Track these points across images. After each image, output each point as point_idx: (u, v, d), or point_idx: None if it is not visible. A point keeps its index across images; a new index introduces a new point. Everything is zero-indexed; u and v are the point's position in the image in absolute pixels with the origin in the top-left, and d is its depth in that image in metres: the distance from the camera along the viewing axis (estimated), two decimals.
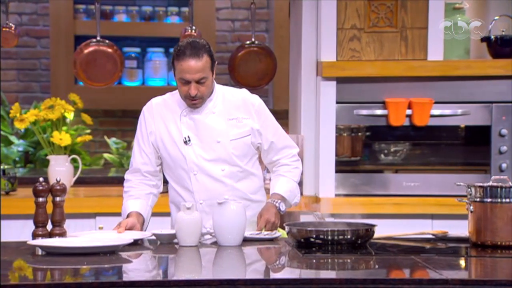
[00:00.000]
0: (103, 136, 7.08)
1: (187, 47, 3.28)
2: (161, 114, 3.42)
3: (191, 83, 3.29)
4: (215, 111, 3.40)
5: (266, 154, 3.49)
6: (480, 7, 4.68)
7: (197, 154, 3.37)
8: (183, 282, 2.56)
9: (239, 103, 3.44)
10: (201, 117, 3.38)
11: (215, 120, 3.39)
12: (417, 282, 2.61)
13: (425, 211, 4.29)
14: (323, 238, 3.07)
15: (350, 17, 4.41)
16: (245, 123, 3.41)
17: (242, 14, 7.37)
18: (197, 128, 3.38)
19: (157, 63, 7.21)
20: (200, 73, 3.28)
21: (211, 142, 3.38)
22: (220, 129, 3.38)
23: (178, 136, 3.38)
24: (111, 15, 7.21)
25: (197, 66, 3.27)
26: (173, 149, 3.39)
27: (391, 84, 4.42)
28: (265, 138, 3.45)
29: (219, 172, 3.38)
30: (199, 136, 3.38)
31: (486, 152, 4.40)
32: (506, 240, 3.08)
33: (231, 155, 3.39)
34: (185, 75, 3.28)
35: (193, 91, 3.29)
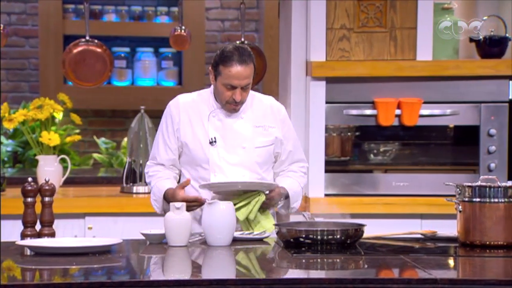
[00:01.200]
0: (92, 136, 7.06)
1: (235, 53, 3.32)
2: (188, 113, 3.43)
3: (236, 88, 3.32)
4: (243, 116, 3.43)
5: (280, 163, 3.52)
6: (468, 7, 4.69)
7: (221, 156, 3.39)
8: (173, 282, 2.56)
9: (267, 110, 3.48)
10: (230, 121, 3.41)
11: (242, 126, 3.42)
12: (406, 281, 2.62)
13: (414, 211, 4.30)
14: (313, 238, 3.08)
15: (339, 17, 4.41)
16: (271, 132, 3.45)
17: (231, 14, 7.37)
18: (225, 130, 3.40)
19: (147, 63, 7.20)
20: (247, 80, 3.33)
21: (236, 146, 3.40)
22: (246, 135, 3.41)
23: (203, 136, 3.40)
24: (100, 14, 7.19)
25: (246, 72, 3.32)
26: (197, 148, 3.40)
27: (381, 84, 4.42)
28: (284, 149, 3.49)
29: (240, 178, 3.39)
30: (225, 139, 3.40)
31: (475, 152, 4.42)
32: (494, 240, 3.09)
33: (254, 162, 3.41)
34: (233, 81, 3.31)
35: (238, 96, 3.33)
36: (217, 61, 3.35)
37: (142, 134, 4.58)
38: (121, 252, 3.03)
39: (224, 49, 3.36)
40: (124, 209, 4.33)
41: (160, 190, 3.42)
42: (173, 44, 5.05)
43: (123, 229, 4.21)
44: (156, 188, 3.44)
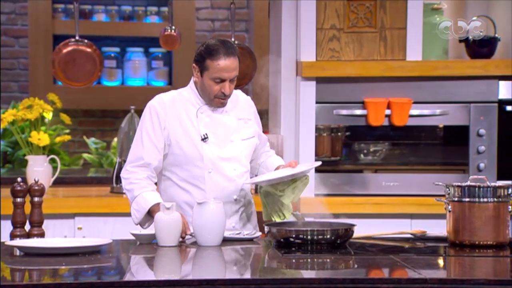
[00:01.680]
0: (82, 136, 7.05)
1: (221, 46, 3.31)
2: (175, 111, 3.40)
3: (225, 81, 3.32)
4: (227, 110, 3.43)
5: (258, 150, 3.54)
6: (458, 7, 4.70)
7: (214, 152, 3.38)
8: (163, 283, 2.56)
9: (243, 104, 3.50)
10: (218, 116, 3.41)
11: (229, 119, 3.42)
12: (396, 281, 2.62)
13: (404, 211, 4.31)
14: (303, 237, 3.08)
15: (329, 17, 4.42)
16: (250, 124, 3.47)
17: (222, 14, 7.37)
18: (214, 126, 3.40)
19: (137, 62, 7.19)
20: (235, 72, 3.33)
21: (226, 140, 3.40)
22: (233, 129, 3.42)
23: (194, 133, 3.38)
24: (90, 14, 7.18)
25: (233, 64, 3.32)
26: (189, 146, 3.37)
27: (370, 84, 4.43)
28: (262, 137, 3.55)
29: (232, 172, 3.39)
30: (216, 134, 3.39)
31: (464, 152, 4.43)
32: (484, 240, 3.10)
33: (242, 155, 3.42)
34: (222, 74, 3.30)
35: (227, 89, 3.32)
36: (203, 56, 3.32)
37: (132, 134, 4.57)
38: (111, 253, 3.02)
39: (208, 43, 3.34)
40: (114, 209, 4.32)
41: (147, 201, 3.29)
42: (163, 44, 5.04)
43: (113, 229, 4.20)
44: (141, 198, 3.31)
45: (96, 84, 6.73)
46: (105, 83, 7.16)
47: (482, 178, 3.17)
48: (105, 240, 3.05)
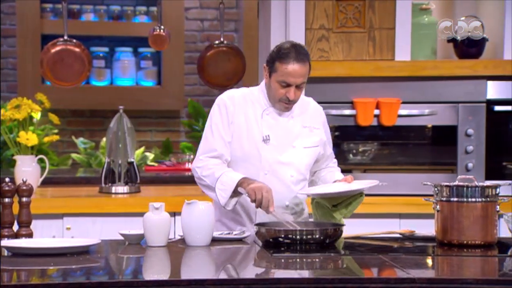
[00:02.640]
0: (71, 136, 7.03)
1: (292, 51, 3.30)
2: (243, 108, 3.40)
3: (291, 86, 3.31)
4: (293, 116, 3.42)
5: (322, 163, 3.53)
6: (446, 7, 4.72)
7: (273, 154, 3.37)
8: (152, 283, 2.56)
9: (312, 111, 3.49)
10: (283, 120, 3.41)
11: (293, 125, 3.42)
12: (385, 281, 2.63)
13: (392, 211, 4.32)
14: (292, 237, 3.08)
15: (318, 18, 4.43)
16: (316, 133, 3.46)
17: (211, 13, 7.36)
18: (277, 129, 3.39)
19: (126, 62, 7.18)
20: (302, 78, 3.31)
21: (287, 145, 3.39)
22: (297, 135, 3.41)
23: (257, 134, 3.38)
24: (78, 14, 7.16)
25: (302, 71, 3.30)
26: (250, 145, 3.37)
27: (359, 84, 4.44)
28: (328, 149, 3.53)
29: (288, 177, 3.39)
30: (277, 137, 3.39)
31: (452, 151, 4.44)
32: (472, 239, 3.11)
33: (302, 162, 3.41)
34: (288, 78, 3.30)
35: (292, 95, 3.31)
36: (274, 58, 3.33)
37: (121, 134, 4.57)
38: (99, 253, 3.02)
39: (281, 46, 3.34)
40: (103, 209, 4.31)
41: (232, 178, 3.28)
42: (152, 44, 5.04)
43: (101, 230, 4.19)
44: (226, 176, 3.29)
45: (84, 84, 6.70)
46: (94, 83, 7.14)
47: (470, 178, 3.18)
48: (93, 240, 3.04)
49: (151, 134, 7.37)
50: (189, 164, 6.04)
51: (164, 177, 5.61)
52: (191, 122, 7.04)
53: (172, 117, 7.38)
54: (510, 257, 3.04)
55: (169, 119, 7.39)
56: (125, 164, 4.56)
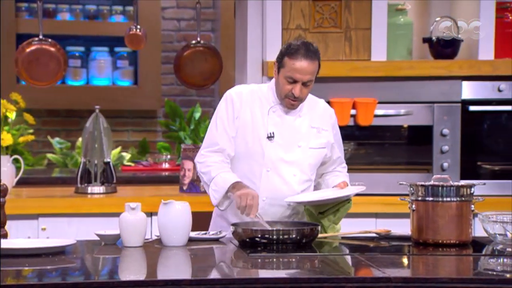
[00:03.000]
0: (47, 136, 6.99)
1: (302, 47, 3.30)
2: (250, 104, 3.39)
3: (297, 83, 3.30)
4: (301, 115, 3.42)
5: (329, 165, 3.52)
6: (422, 8, 4.74)
7: (277, 152, 3.36)
8: (127, 283, 2.55)
9: (321, 112, 3.48)
10: (289, 118, 3.40)
11: (300, 124, 3.41)
12: (361, 280, 2.64)
13: (369, 210, 4.33)
14: (268, 237, 3.08)
15: (295, 18, 4.43)
16: (324, 135, 3.44)
17: (187, 13, 7.35)
18: (283, 127, 3.38)
19: (102, 62, 7.14)
20: (309, 76, 3.31)
21: (292, 144, 3.38)
22: (303, 134, 3.40)
23: (262, 129, 3.37)
24: (54, 13, 7.11)
25: (309, 68, 3.29)
26: (254, 141, 3.37)
27: (336, 84, 4.45)
28: (335, 152, 3.51)
29: (291, 176, 3.38)
30: (283, 136, 3.38)
31: (428, 151, 4.47)
32: (447, 239, 3.13)
33: (307, 163, 3.40)
34: (295, 74, 3.29)
35: (298, 91, 3.30)
36: (283, 53, 3.33)
37: (97, 134, 4.55)
38: (75, 253, 3.00)
39: (291, 42, 3.35)
40: (79, 209, 4.29)
41: (226, 180, 3.30)
42: (128, 43, 5.02)
43: (77, 230, 4.17)
44: (220, 178, 3.31)
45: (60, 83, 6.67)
46: (70, 83, 7.10)
47: (445, 177, 3.20)
48: (69, 241, 3.03)
49: (127, 134, 7.34)
50: (166, 164, 6.03)
51: (141, 177, 5.59)
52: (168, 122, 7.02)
53: (148, 117, 7.36)
54: (485, 256, 3.07)
55: (145, 119, 7.36)
56: (101, 164, 4.54)
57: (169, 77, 7.10)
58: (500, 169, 4.51)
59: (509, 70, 4.43)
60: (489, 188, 4.16)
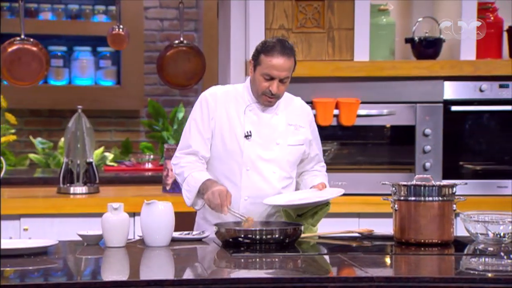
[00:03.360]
0: (29, 136, 6.95)
1: (278, 44, 3.32)
2: (225, 105, 3.40)
3: (274, 80, 3.31)
4: (278, 113, 3.42)
5: (307, 163, 3.52)
6: (404, 8, 4.76)
7: (255, 151, 3.37)
8: (110, 284, 2.54)
9: (298, 110, 3.49)
10: (266, 116, 3.40)
11: (277, 122, 3.41)
12: (343, 280, 2.65)
13: (352, 210, 4.34)
14: (252, 237, 3.09)
15: (278, 18, 4.44)
16: (302, 132, 3.45)
17: (170, 13, 7.34)
18: (260, 125, 3.39)
19: (84, 62, 7.12)
20: (286, 72, 3.32)
21: (271, 142, 3.39)
22: (281, 132, 3.40)
23: (239, 129, 3.37)
24: (36, 13, 7.08)
25: (286, 65, 3.31)
26: (232, 141, 3.37)
27: (319, 84, 4.46)
28: (313, 149, 3.51)
29: (271, 174, 3.38)
30: (260, 134, 3.38)
31: (411, 151, 4.48)
32: (429, 238, 3.15)
33: (286, 160, 3.40)
34: (272, 71, 3.30)
35: (275, 88, 3.32)
36: (259, 51, 3.34)
37: (80, 134, 4.53)
38: (57, 254, 2.99)
39: (267, 40, 3.38)
40: (61, 210, 4.27)
41: (197, 180, 3.31)
42: (111, 43, 5.01)
43: (59, 230, 4.16)
44: (191, 177, 3.33)
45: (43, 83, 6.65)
46: (52, 83, 7.07)
47: (427, 177, 3.22)
48: (51, 241, 3.01)
49: (110, 134, 7.31)
50: (149, 164, 6.03)
51: (124, 177, 5.58)
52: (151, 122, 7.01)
53: (131, 117, 7.34)
54: (466, 255, 3.09)
55: (128, 119, 7.35)
56: (83, 164, 4.53)
57: (152, 77, 7.09)
58: (481, 169, 4.54)
59: (490, 70, 4.45)
60: (471, 187, 4.20)
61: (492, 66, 4.46)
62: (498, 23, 4.55)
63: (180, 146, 3.44)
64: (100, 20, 7.16)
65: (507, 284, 2.64)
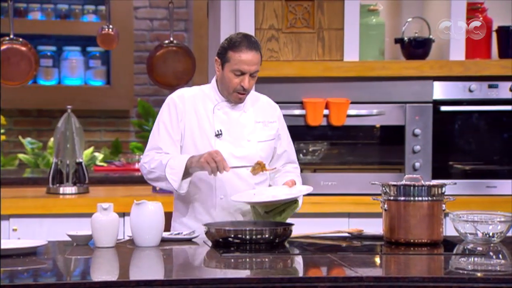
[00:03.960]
0: (18, 136, 6.93)
1: (244, 40, 3.32)
2: (194, 106, 3.40)
3: (245, 75, 3.32)
4: (246, 110, 3.43)
5: (276, 160, 3.51)
6: (394, 8, 4.77)
7: (227, 149, 3.36)
8: (99, 284, 2.54)
9: (266, 106, 3.50)
10: (235, 114, 3.40)
11: (246, 119, 3.42)
12: (333, 280, 2.65)
13: (342, 210, 4.35)
14: (241, 237, 3.09)
15: (268, 18, 4.44)
16: (271, 127, 3.46)
17: (160, 13, 7.33)
18: (230, 124, 3.39)
19: (74, 62, 7.10)
20: (256, 66, 3.33)
21: (241, 140, 3.39)
22: (250, 129, 3.41)
23: (209, 129, 3.37)
24: (25, 13, 7.06)
25: (255, 58, 3.32)
26: (203, 141, 3.37)
27: (309, 84, 4.46)
28: (280, 145, 3.50)
29: (244, 171, 3.37)
30: (230, 132, 3.38)
31: (400, 151, 4.49)
32: (418, 238, 3.15)
33: (258, 156, 3.40)
34: (243, 66, 3.30)
35: (247, 83, 3.32)
36: (226, 48, 3.33)
37: (69, 134, 4.52)
38: (47, 254, 2.98)
39: (232, 37, 3.37)
40: (50, 210, 4.26)
41: (180, 159, 3.29)
42: (100, 43, 5.00)
43: (49, 231, 4.15)
44: (173, 160, 3.29)
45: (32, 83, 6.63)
46: (42, 83, 7.05)
47: (417, 177, 3.22)
48: (41, 242, 3.01)
49: (100, 134, 7.30)
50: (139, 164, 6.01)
51: (113, 177, 5.57)
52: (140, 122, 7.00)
53: (121, 117, 7.33)
54: (456, 255, 3.10)
55: (118, 119, 7.33)
56: (73, 164, 4.52)
57: (142, 77, 7.08)
58: (471, 169, 4.55)
59: (480, 70, 4.47)
60: (460, 187, 4.21)
61: (482, 66, 4.47)
62: (487, 24, 4.57)
63: (148, 148, 3.42)
64: (89, 20, 7.15)
65: (496, 283, 2.65)
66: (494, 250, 3.12)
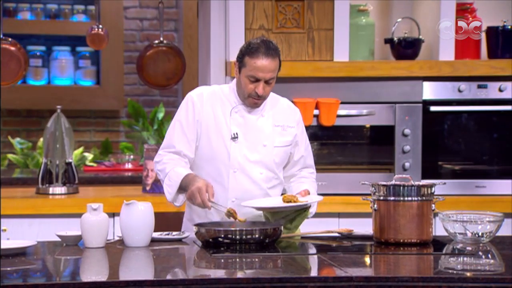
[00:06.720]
0: (7, 136, 6.91)
1: (262, 46, 3.30)
2: (212, 106, 3.38)
3: (260, 81, 3.30)
4: (264, 114, 3.41)
5: (292, 165, 3.50)
6: (383, 8, 4.78)
7: (242, 152, 3.35)
8: (89, 284, 2.53)
9: (286, 110, 3.48)
10: (252, 118, 3.39)
11: (264, 123, 3.40)
12: (323, 280, 2.66)
13: (331, 210, 4.35)
14: (232, 237, 3.09)
15: (258, 18, 4.44)
16: (290, 132, 3.44)
17: (150, 13, 7.32)
18: (246, 127, 3.37)
19: (63, 62, 7.08)
20: (271, 73, 3.31)
21: (257, 144, 3.38)
22: (267, 133, 3.39)
23: (225, 130, 3.36)
24: (14, 12, 7.03)
25: (271, 66, 3.29)
26: (218, 143, 3.35)
27: (299, 84, 4.47)
28: (298, 150, 3.49)
29: (258, 175, 3.37)
30: (246, 136, 3.37)
31: (390, 151, 4.50)
32: (408, 238, 3.16)
33: (272, 161, 3.39)
34: (257, 73, 3.29)
35: (261, 90, 3.30)
36: (243, 53, 3.33)
37: (59, 134, 4.51)
38: (36, 254, 2.98)
39: (251, 41, 3.35)
40: (40, 210, 4.25)
41: (179, 174, 3.29)
42: (90, 43, 4.99)
43: (38, 231, 4.13)
44: (173, 172, 3.31)
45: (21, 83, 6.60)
46: (31, 82, 7.02)
47: (406, 177, 3.23)
48: (30, 242, 3.00)
49: (90, 134, 7.28)
50: (129, 165, 6.01)
51: (103, 178, 5.56)
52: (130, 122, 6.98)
53: (111, 117, 7.31)
54: (445, 255, 3.11)
55: (108, 119, 7.32)
56: (63, 164, 4.51)
57: (132, 77, 7.07)
58: (460, 169, 4.56)
59: (469, 71, 4.48)
60: (450, 187, 4.23)
61: (471, 66, 4.49)
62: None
63: (163, 146, 3.43)
64: (79, 19, 7.13)
65: (485, 283, 2.66)
66: (484, 249, 3.13)
